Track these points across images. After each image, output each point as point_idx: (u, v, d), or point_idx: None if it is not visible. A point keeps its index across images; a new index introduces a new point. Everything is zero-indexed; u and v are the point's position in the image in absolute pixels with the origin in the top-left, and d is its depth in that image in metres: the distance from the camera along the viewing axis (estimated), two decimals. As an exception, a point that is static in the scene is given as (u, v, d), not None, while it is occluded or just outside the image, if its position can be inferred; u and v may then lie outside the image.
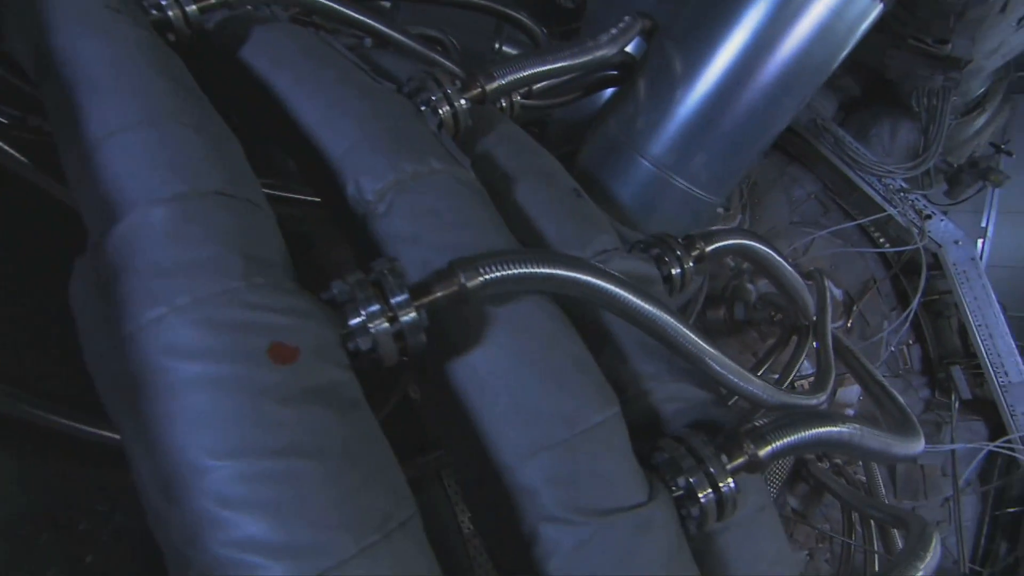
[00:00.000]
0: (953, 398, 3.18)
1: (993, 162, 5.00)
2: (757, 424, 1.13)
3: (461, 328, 1.00)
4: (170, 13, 1.29)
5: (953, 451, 3.12)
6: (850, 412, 3.36)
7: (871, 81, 4.43)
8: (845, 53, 2.05)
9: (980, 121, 5.19)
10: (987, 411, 3.11)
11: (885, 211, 3.15)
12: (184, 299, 0.71)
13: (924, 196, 3.29)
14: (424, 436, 1.57)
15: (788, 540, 3.40)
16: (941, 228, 3.12)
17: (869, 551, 2.61)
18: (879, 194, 3.21)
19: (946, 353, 3.41)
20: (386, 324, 0.82)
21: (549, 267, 0.94)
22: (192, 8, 1.33)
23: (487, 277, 0.90)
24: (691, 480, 1.02)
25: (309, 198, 1.99)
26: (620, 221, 2.25)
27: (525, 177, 1.51)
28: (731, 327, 3.20)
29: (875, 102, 4.49)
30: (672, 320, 1.14)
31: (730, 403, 2.09)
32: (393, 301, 0.83)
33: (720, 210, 3.64)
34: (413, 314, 0.83)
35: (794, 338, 2.52)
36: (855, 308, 3.33)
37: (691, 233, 1.67)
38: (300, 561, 0.61)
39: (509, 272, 0.91)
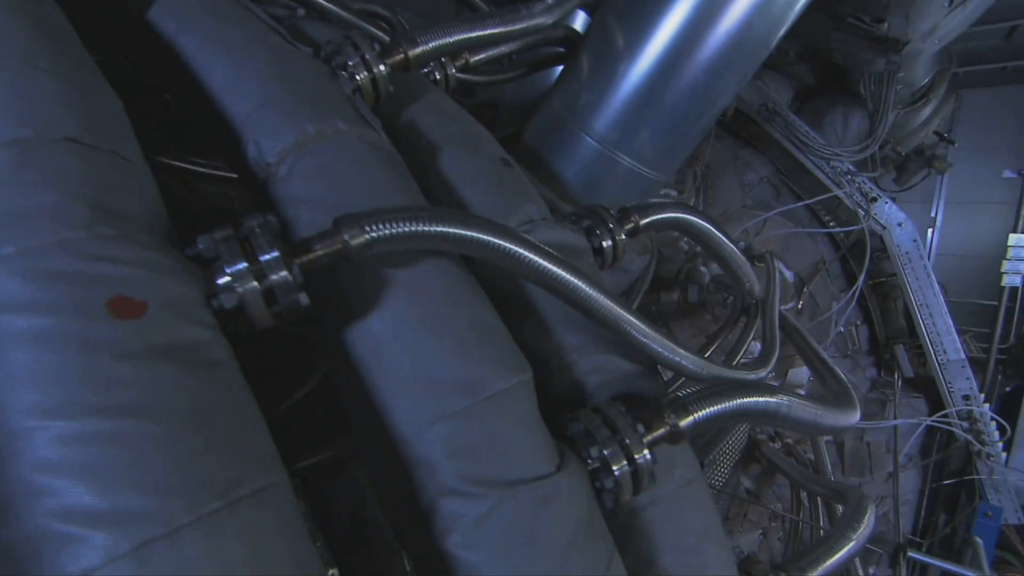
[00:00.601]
0: (896, 376, 3.25)
1: (937, 150, 5.17)
2: (679, 394, 1.10)
3: (357, 292, 0.94)
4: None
5: (895, 427, 3.19)
6: (801, 393, 3.41)
7: (825, 70, 4.50)
8: (785, 28, 2.03)
9: (926, 111, 5.33)
10: (928, 388, 3.19)
11: (832, 192, 3.18)
12: (9, 249, 0.64)
13: (873, 180, 3.34)
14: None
15: (742, 520, 3.45)
16: (886, 210, 3.18)
17: (816, 527, 2.65)
18: (827, 176, 3.25)
19: (892, 334, 3.48)
20: (254, 283, 0.76)
21: (443, 225, 0.88)
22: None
23: (373, 235, 0.84)
24: (605, 451, 0.98)
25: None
26: (564, 199, 2.21)
27: (450, 146, 1.45)
28: (685, 310, 3.21)
29: (829, 91, 4.57)
30: (590, 288, 1.10)
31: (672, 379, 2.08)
32: (262, 259, 0.76)
33: (673, 192, 3.66)
34: (284, 273, 0.77)
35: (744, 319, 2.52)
36: (805, 290, 3.37)
37: (626, 206, 1.64)
38: (124, 529, 0.55)
39: (398, 230, 0.85)
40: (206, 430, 0.63)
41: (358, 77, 1.36)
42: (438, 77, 1.90)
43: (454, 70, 1.92)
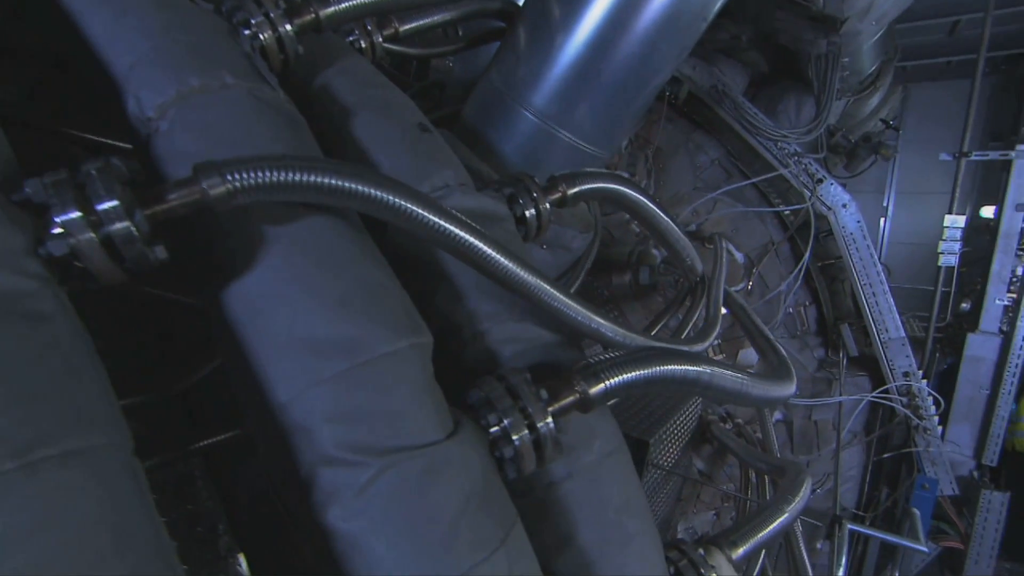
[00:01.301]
0: (842, 355, 3.31)
1: (884, 137, 5.32)
2: (590, 361, 1.06)
3: (233, 249, 0.87)
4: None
5: (840, 404, 3.26)
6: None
7: (778, 57, 4.55)
8: (720, 2, 2.01)
9: (874, 100, 5.47)
10: (871, 367, 3.26)
11: (778, 172, 3.21)
12: None
13: (819, 161, 3.39)
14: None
15: (696, 501, 3.47)
16: (832, 192, 3.22)
17: (764, 505, 2.66)
18: (774, 157, 3.27)
19: (840, 315, 3.55)
20: (90, 234, 0.68)
21: (317, 175, 0.82)
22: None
23: (235, 184, 0.77)
24: (505, 420, 0.93)
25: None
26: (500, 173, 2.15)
27: (364, 111, 1.38)
28: (637, 292, 3.20)
29: (783, 78, 4.63)
30: (499, 253, 1.05)
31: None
32: (99, 207, 0.69)
33: (624, 176, 3.64)
34: (125, 223, 0.69)
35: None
36: (755, 270, 3.40)
37: (555, 175, 1.60)
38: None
39: (263, 179, 0.78)
40: (12, 385, 0.56)
41: (262, 36, 1.28)
42: (363, 45, 1.82)
43: (381, 39, 1.84)
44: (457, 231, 0.98)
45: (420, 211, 0.91)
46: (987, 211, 8.16)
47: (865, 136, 5.16)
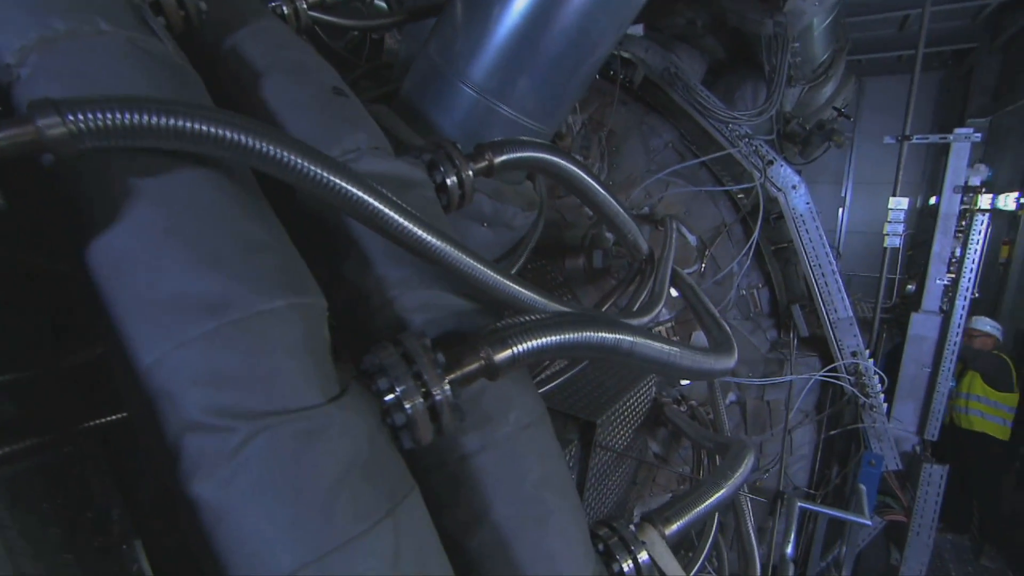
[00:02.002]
0: (792, 335, 3.35)
1: (837, 125, 5.43)
2: (497, 326, 1.01)
3: (95, 203, 0.79)
4: None
5: (791, 383, 3.30)
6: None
7: (734, 43, 4.58)
8: (659, -27, 1.98)
9: (828, 89, 5.57)
10: (822, 347, 3.31)
11: (727, 151, 3.23)
12: None
13: (771, 144, 3.41)
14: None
15: (651, 484, 3.48)
16: (782, 173, 3.25)
17: (700, 481, 2.68)
18: (725, 138, 3.29)
19: (793, 297, 3.59)
20: None
21: (180, 119, 0.75)
22: None
23: (79, 125, 0.69)
24: (397, 386, 0.88)
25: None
26: None
27: (276, 73, 1.31)
28: (590, 275, 3.18)
29: (741, 66, 4.66)
30: (401, 216, 1.00)
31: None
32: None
33: (579, 159, 3.61)
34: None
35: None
36: (708, 252, 3.41)
37: (482, 143, 1.55)
38: None
39: (113, 121, 0.71)
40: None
41: (164, -7, 1.19)
42: (286, 12, 1.74)
43: (305, 5, 1.76)
44: (359, 193, 0.93)
45: (308, 165, 0.85)
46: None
47: (819, 124, 5.26)
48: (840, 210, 10.78)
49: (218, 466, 0.73)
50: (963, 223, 3.50)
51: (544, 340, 1.00)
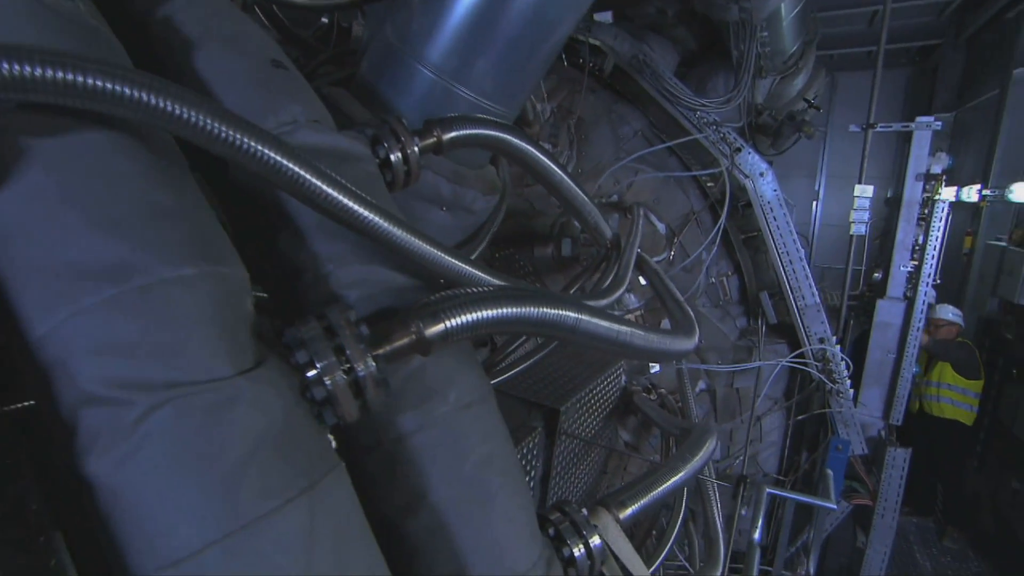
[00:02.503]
0: (761, 322, 3.37)
1: (808, 116, 5.48)
2: (430, 299, 0.97)
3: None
4: None
5: (759, 370, 3.32)
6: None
7: (705, 33, 4.59)
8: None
9: (799, 81, 5.62)
10: (790, 335, 3.33)
11: (693, 136, 3.24)
12: None
13: (739, 131, 3.42)
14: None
15: (622, 473, 3.48)
16: (750, 160, 3.26)
17: (657, 465, 2.68)
18: (692, 124, 3.28)
19: (763, 286, 3.61)
20: None
21: (67, 72, 0.69)
22: None
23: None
24: (317, 360, 0.83)
25: None
26: None
27: (210, 43, 1.25)
28: (559, 263, 3.15)
29: (713, 57, 4.68)
30: (333, 188, 0.96)
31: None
32: None
33: (548, 147, 3.59)
34: None
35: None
36: (676, 240, 3.41)
37: (431, 118, 1.51)
38: None
39: (19, 73, 0.65)
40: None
41: (71, -52, 1.12)
42: (228, -17, 1.66)
43: (250, -23, 1.69)
44: (290, 165, 0.88)
45: (237, 135, 0.80)
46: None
47: (790, 115, 5.30)
48: (814, 203, 10.95)
49: (115, 441, 0.68)
50: (925, 211, 3.55)
51: (480, 314, 0.96)
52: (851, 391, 3.30)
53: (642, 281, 2.57)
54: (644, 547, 2.94)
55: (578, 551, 1.21)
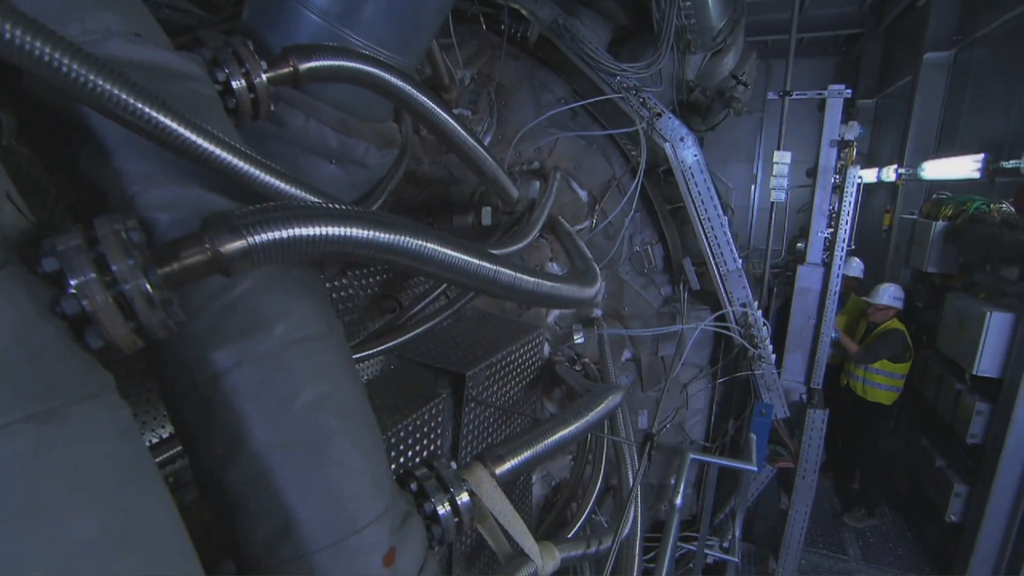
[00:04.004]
0: (683, 287, 3.37)
1: (736, 92, 5.56)
2: (231, 212, 0.84)
3: None
4: None
5: (681, 334, 3.33)
6: (598, 312, 3.44)
7: (636, 8, 4.57)
8: None
9: (728, 60, 5.69)
10: (713, 301, 3.35)
11: (608, 95, 3.19)
12: None
13: (655, 96, 3.38)
14: None
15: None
16: (670, 125, 3.24)
17: (602, 436, 2.64)
18: (611, 89, 3.23)
19: (689, 256, 3.61)
20: None
21: None
22: None
23: None
24: (69, 272, 0.69)
25: None
26: (291, 96, 1.86)
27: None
28: (478, 233, 3.04)
29: (643, 32, 4.65)
30: (139, 100, 0.82)
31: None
32: None
33: (468, 113, 3.47)
34: None
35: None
36: (598, 207, 3.37)
37: (287, 46, 1.36)
38: None
39: None
40: None
41: None
42: None
43: None
44: (86, 73, 0.74)
45: (23, 36, 0.66)
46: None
47: (719, 91, 5.37)
48: (752, 187, 11.30)
49: None
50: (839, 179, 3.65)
51: (292, 232, 0.84)
52: (773, 355, 3.35)
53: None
54: (568, 511, 2.90)
55: (443, 508, 1.12)
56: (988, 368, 3.97)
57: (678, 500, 2.66)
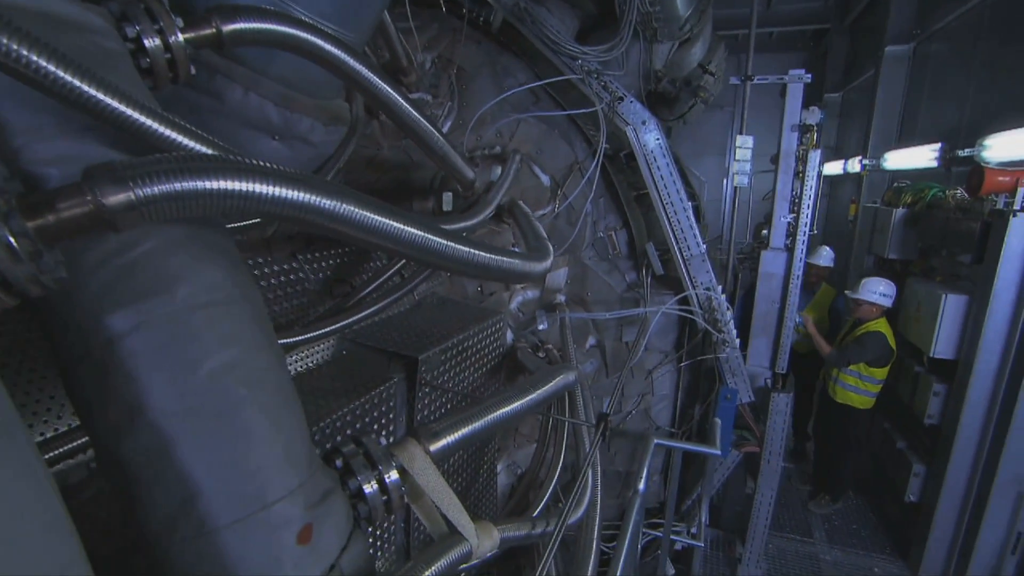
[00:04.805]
0: (645, 271, 3.37)
1: (703, 82, 5.59)
2: (118, 161, 0.77)
3: None
4: None
5: (644, 318, 3.32)
6: (561, 298, 3.42)
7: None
8: None
9: (696, 50, 5.72)
10: (677, 287, 3.35)
11: (567, 76, 3.17)
12: None
13: (617, 78, 3.36)
14: None
15: (515, 434, 3.39)
16: (632, 109, 3.21)
17: (562, 420, 2.61)
18: (572, 72, 3.20)
19: (655, 242, 3.61)
20: None
21: None
22: None
23: None
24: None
25: None
26: (229, 68, 1.78)
27: None
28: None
29: (611, 22, 4.63)
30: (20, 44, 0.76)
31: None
32: None
33: (428, 98, 3.41)
34: None
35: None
36: (560, 191, 3.34)
37: (212, 6, 1.29)
38: None
39: None
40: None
41: None
42: None
43: None
44: None
45: None
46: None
47: (686, 80, 5.39)
48: (725, 180, 11.44)
49: None
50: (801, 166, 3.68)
51: (184, 184, 0.78)
52: (737, 340, 3.37)
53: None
54: (528, 497, 2.87)
55: (369, 486, 1.07)
56: (944, 350, 4.06)
57: (641, 485, 2.66)
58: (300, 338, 1.87)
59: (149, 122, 0.94)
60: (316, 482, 0.97)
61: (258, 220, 1.96)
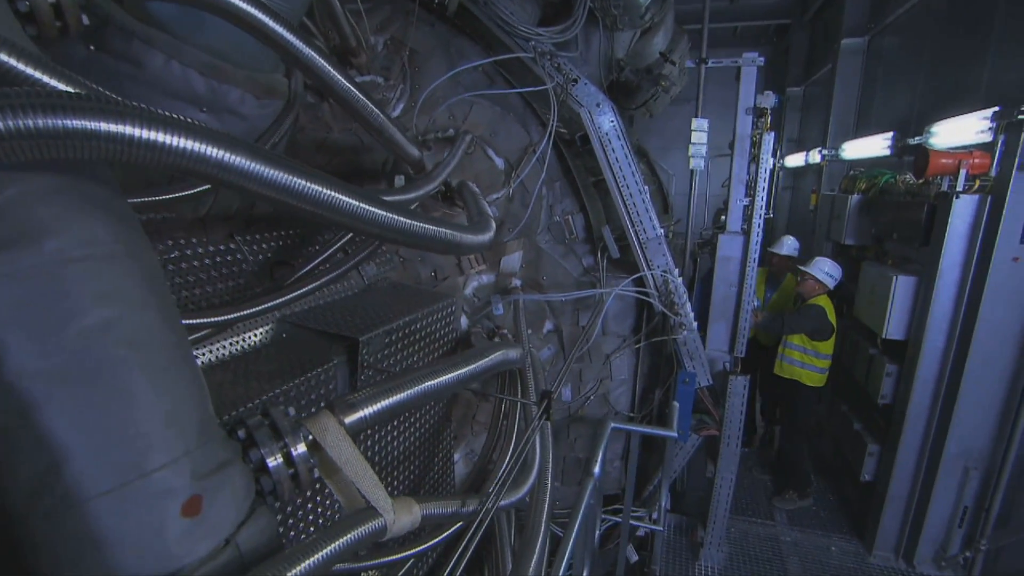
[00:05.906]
0: (600, 255, 3.36)
1: (664, 70, 5.62)
2: None
3: None
4: None
5: (600, 299, 3.31)
6: (516, 282, 3.38)
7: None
8: None
9: (658, 39, 5.74)
10: (634, 270, 3.34)
11: (517, 54, 3.13)
12: None
13: (572, 60, 3.33)
14: None
15: (471, 422, 3.34)
16: (587, 91, 3.20)
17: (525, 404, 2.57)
18: (526, 53, 3.17)
19: (613, 227, 3.60)
20: None
21: None
22: None
23: None
24: None
25: None
26: (148, 33, 1.68)
27: None
28: (391, 203, 2.91)
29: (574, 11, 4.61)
30: None
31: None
32: None
33: (379, 79, 3.33)
34: None
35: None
36: (515, 174, 3.30)
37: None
38: None
39: None
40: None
41: None
42: None
43: None
44: None
45: None
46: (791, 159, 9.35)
47: (648, 69, 5.39)
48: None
49: None
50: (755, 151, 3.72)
51: (60, 121, 0.71)
52: (695, 324, 3.38)
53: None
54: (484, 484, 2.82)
55: (273, 459, 1.01)
56: (895, 331, 4.16)
57: (596, 468, 2.64)
58: (234, 315, 1.79)
59: (20, 66, 0.86)
60: (208, 451, 0.91)
61: (188, 193, 1.87)
